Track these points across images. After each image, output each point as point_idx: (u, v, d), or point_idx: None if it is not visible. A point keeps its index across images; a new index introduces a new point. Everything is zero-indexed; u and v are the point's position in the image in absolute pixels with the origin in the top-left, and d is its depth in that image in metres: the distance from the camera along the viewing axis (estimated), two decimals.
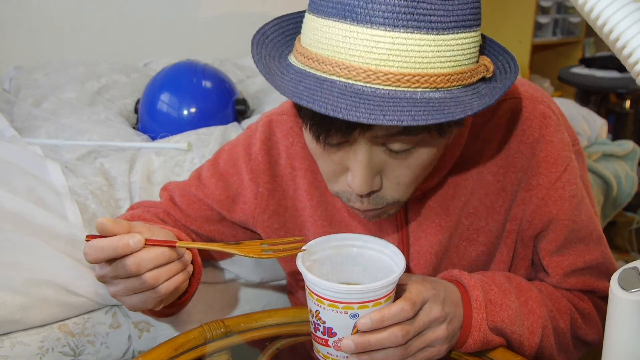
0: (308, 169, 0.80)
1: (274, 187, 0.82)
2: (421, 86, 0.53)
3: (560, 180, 0.73)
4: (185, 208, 0.85)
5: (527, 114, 0.73)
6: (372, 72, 0.53)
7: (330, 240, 0.70)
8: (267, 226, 0.83)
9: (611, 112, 2.99)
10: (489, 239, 0.77)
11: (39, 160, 1.03)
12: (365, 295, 0.60)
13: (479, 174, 0.75)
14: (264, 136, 0.82)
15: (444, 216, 0.76)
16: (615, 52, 0.40)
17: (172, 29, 2.20)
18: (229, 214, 0.84)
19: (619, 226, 2.43)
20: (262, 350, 0.74)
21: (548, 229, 0.75)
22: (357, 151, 0.59)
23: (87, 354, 0.86)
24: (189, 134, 1.22)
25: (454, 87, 0.56)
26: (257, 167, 0.82)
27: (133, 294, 0.63)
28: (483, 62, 0.59)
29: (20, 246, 0.85)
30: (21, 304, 0.81)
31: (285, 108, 0.84)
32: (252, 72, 1.77)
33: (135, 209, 0.87)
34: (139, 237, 0.60)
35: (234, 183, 0.84)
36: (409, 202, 0.76)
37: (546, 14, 3.57)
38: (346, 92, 0.53)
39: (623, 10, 0.39)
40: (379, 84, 0.53)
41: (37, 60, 1.71)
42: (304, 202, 0.81)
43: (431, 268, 0.78)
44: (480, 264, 0.79)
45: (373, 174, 0.61)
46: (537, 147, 0.73)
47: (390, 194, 0.64)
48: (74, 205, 0.95)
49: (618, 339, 0.48)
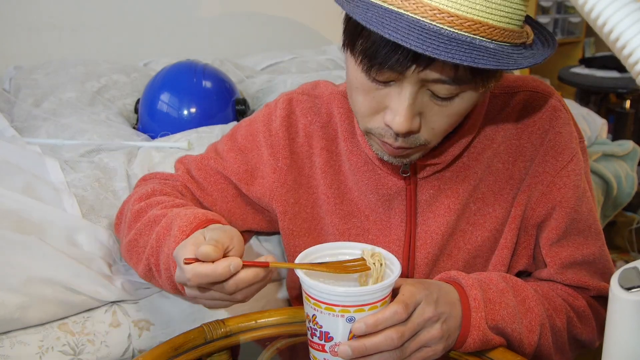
0: (324, 148, 0.83)
1: (291, 163, 0.84)
2: (480, 34, 0.56)
3: (566, 169, 0.76)
4: (202, 181, 0.86)
5: (539, 107, 0.77)
6: (439, 10, 0.55)
7: (329, 247, 0.69)
8: (284, 200, 0.84)
9: (611, 112, 2.99)
10: (494, 225, 0.79)
11: (38, 158, 1.03)
12: (362, 298, 0.60)
13: (489, 161, 0.78)
14: (284, 113, 0.84)
15: (453, 198, 0.78)
16: (615, 52, 0.40)
17: (172, 29, 2.20)
18: (246, 187, 0.85)
19: (619, 226, 2.43)
20: (262, 350, 0.74)
21: (551, 217, 0.77)
22: (404, 90, 0.61)
23: (87, 352, 0.86)
24: (189, 132, 1.22)
25: (505, 42, 0.59)
26: (277, 143, 0.83)
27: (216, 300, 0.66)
28: (526, 29, 0.63)
29: (19, 245, 0.85)
30: (20, 303, 0.81)
31: (305, 88, 0.87)
32: (252, 72, 1.77)
33: (150, 181, 0.87)
34: (238, 262, 0.61)
35: (253, 158, 0.85)
36: (420, 181, 0.78)
37: (546, 14, 3.57)
38: (413, 26, 0.55)
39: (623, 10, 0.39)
40: (444, 24, 0.56)
41: (37, 60, 1.71)
42: (318, 180, 0.83)
43: (437, 248, 0.79)
44: (485, 250, 0.80)
45: (414, 114, 0.63)
46: (546, 137, 0.76)
47: (424, 136, 0.66)
48: (72, 198, 0.95)
49: (618, 339, 0.48)
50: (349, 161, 0.82)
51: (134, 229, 0.80)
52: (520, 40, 0.61)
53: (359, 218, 0.83)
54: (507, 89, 0.78)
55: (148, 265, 0.76)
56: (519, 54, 0.60)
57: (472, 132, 0.75)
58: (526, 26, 0.64)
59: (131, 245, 0.80)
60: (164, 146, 1.16)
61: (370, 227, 0.82)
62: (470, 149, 0.77)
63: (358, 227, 0.83)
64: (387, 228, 0.81)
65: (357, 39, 0.61)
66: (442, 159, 0.75)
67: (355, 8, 0.58)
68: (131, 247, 0.80)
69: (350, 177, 0.82)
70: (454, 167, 0.78)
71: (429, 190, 0.78)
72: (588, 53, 3.73)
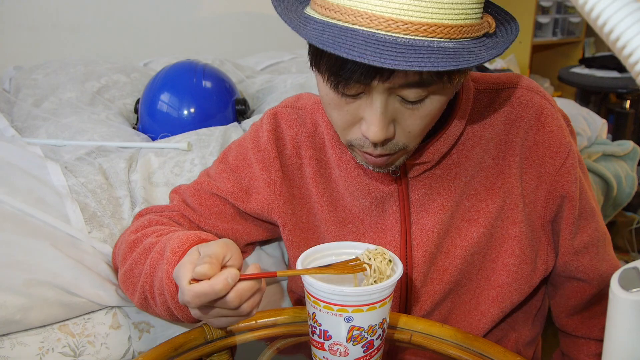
0: (313, 157, 0.84)
1: (283, 175, 0.85)
2: (437, 36, 0.56)
3: (565, 165, 0.78)
4: (198, 207, 0.86)
5: (525, 102, 0.78)
6: (393, 21, 0.55)
7: (333, 247, 0.70)
8: (282, 211, 0.84)
9: (611, 112, 2.99)
10: (489, 221, 0.80)
11: (39, 161, 1.03)
12: (360, 298, 0.60)
13: (479, 157, 0.79)
14: (270, 127, 0.85)
15: (445, 196, 0.79)
16: (615, 52, 0.40)
17: (172, 29, 2.20)
18: (243, 204, 0.85)
19: (619, 226, 2.43)
20: (262, 350, 0.74)
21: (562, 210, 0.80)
22: (373, 101, 0.62)
23: (87, 354, 0.86)
24: (189, 134, 1.22)
25: (464, 39, 0.59)
26: (267, 156, 0.84)
27: (222, 317, 0.65)
28: (486, 19, 0.63)
29: (21, 247, 0.85)
30: (21, 305, 0.81)
31: (288, 102, 0.88)
32: (252, 72, 1.77)
33: (147, 215, 0.87)
34: (235, 272, 0.60)
35: (246, 176, 0.86)
36: (411, 181, 0.79)
37: (546, 14, 3.57)
38: (369, 40, 0.55)
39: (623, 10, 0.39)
40: (399, 33, 0.56)
41: (37, 60, 1.71)
42: (310, 190, 0.84)
43: (433, 246, 0.80)
44: (482, 246, 0.81)
45: (388, 122, 0.63)
46: (538, 135, 0.78)
47: (402, 141, 0.67)
48: (75, 204, 0.95)
49: (618, 339, 0.48)
50: (338, 168, 0.82)
51: (129, 259, 0.80)
52: (481, 32, 0.61)
53: (354, 223, 0.83)
54: (493, 86, 0.80)
55: (143, 293, 0.76)
56: (482, 46, 0.60)
57: (457, 129, 0.76)
58: (486, 15, 0.64)
59: (127, 275, 0.79)
60: (164, 147, 1.16)
61: (366, 231, 0.82)
62: (459, 146, 0.78)
63: (354, 232, 0.83)
64: (383, 230, 0.81)
65: (320, 58, 0.62)
66: (430, 157, 0.76)
67: (312, 31, 0.58)
68: (127, 278, 0.79)
69: (342, 183, 0.83)
70: (444, 164, 0.79)
71: (420, 189, 0.79)
72: (588, 53, 3.73)
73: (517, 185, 0.79)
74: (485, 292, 0.83)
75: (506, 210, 0.80)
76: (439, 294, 0.82)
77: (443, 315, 0.84)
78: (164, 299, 0.72)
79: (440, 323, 0.76)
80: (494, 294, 0.82)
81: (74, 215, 0.94)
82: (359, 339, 0.62)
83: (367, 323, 0.62)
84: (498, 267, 0.81)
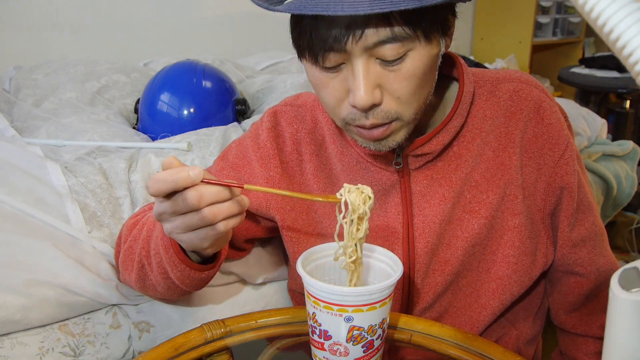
0: (314, 153, 0.85)
1: (282, 172, 0.85)
2: None
3: (564, 157, 0.80)
4: None
5: (524, 96, 0.80)
6: None
7: (334, 247, 0.69)
8: (280, 208, 0.85)
9: (611, 112, 2.99)
10: (489, 212, 0.81)
11: (39, 161, 1.03)
12: (360, 298, 0.60)
13: (480, 149, 0.80)
14: (270, 125, 0.86)
15: (447, 187, 0.80)
16: (615, 52, 0.40)
17: (172, 29, 2.20)
18: None
19: (619, 226, 2.43)
20: (262, 350, 0.74)
21: (561, 202, 0.82)
22: (354, 66, 0.63)
23: (87, 354, 0.86)
24: (189, 134, 1.22)
25: None
26: (266, 154, 0.85)
27: (190, 231, 0.63)
28: None
29: (21, 247, 0.85)
30: (21, 305, 0.81)
31: (288, 100, 0.89)
32: (252, 72, 1.77)
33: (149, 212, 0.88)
34: (198, 169, 0.60)
35: (246, 173, 0.86)
36: (412, 173, 0.80)
37: (546, 14, 3.57)
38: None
39: (623, 10, 0.39)
40: None
41: (37, 60, 1.71)
42: (311, 186, 0.85)
43: (435, 237, 0.80)
44: (482, 237, 0.82)
45: (372, 86, 0.64)
46: (537, 128, 0.79)
47: (393, 107, 0.67)
48: (75, 205, 0.95)
49: (618, 339, 0.48)
50: (340, 162, 0.83)
51: (129, 237, 0.81)
52: None
53: None
54: (492, 80, 0.82)
55: (140, 261, 0.77)
56: None
57: (458, 121, 0.77)
58: None
59: (126, 253, 0.81)
60: (164, 147, 1.16)
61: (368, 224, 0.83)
62: (460, 138, 0.80)
63: None
64: (385, 222, 0.82)
65: (299, 41, 0.65)
66: (431, 148, 0.77)
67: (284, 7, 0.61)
68: (126, 256, 0.81)
69: (343, 177, 0.83)
70: (445, 156, 0.80)
71: (422, 180, 0.80)
72: (588, 53, 3.73)
73: (517, 177, 0.80)
74: (485, 284, 0.83)
75: (506, 202, 0.81)
76: (440, 286, 0.82)
77: (444, 308, 0.85)
78: (159, 259, 0.72)
79: (440, 323, 0.76)
80: (494, 286, 0.83)
81: (74, 215, 0.94)
82: (359, 339, 0.62)
83: (367, 323, 0.62)
84: (498, 258, 0.82)
